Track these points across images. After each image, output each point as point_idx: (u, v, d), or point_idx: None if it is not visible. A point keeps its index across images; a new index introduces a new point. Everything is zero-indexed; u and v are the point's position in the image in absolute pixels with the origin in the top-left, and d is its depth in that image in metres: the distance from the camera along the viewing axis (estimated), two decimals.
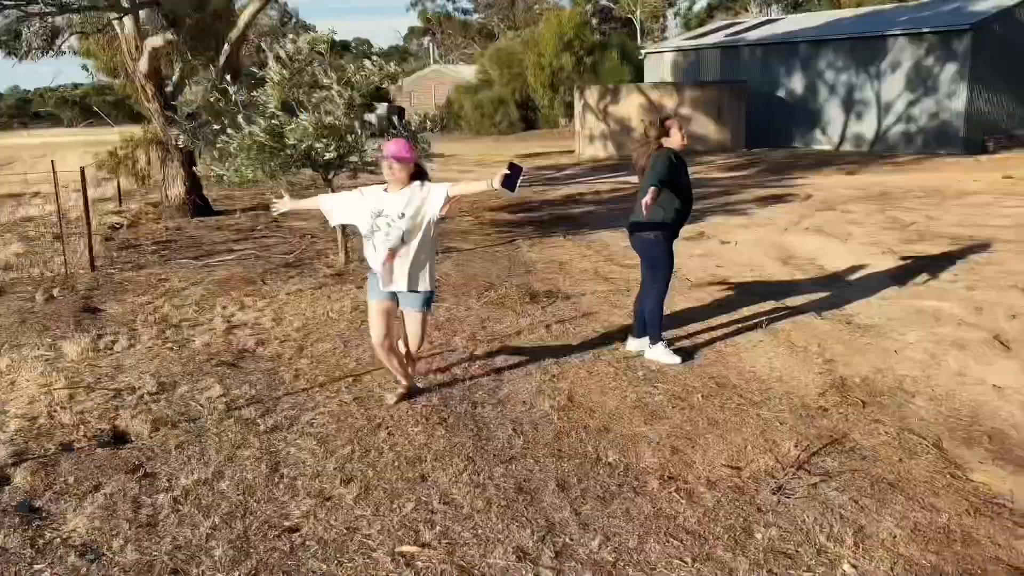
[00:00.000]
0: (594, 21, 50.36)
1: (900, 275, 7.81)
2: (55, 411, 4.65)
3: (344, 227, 8.83)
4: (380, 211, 4.41)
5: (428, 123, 8.39)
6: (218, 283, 8.06)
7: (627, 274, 8.18)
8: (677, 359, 5.41)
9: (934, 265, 8.16)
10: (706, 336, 6.05)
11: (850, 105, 22.66)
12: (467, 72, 42.81)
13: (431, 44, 64.16)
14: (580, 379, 5.15)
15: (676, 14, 56.25)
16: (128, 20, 11.50)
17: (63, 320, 6.79)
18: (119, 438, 4.34)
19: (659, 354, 5.46)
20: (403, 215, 4.36)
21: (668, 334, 5.98)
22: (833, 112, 23.07)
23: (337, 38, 8.32)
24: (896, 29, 21.45)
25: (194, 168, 11.71)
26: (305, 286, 7.79)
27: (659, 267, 5.53)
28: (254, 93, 7.72)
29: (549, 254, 9.40)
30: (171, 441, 4.27)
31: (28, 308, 7.23)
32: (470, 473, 3.84)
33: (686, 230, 10.72)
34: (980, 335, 5.90)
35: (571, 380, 5.13)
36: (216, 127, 7.62)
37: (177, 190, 12.50)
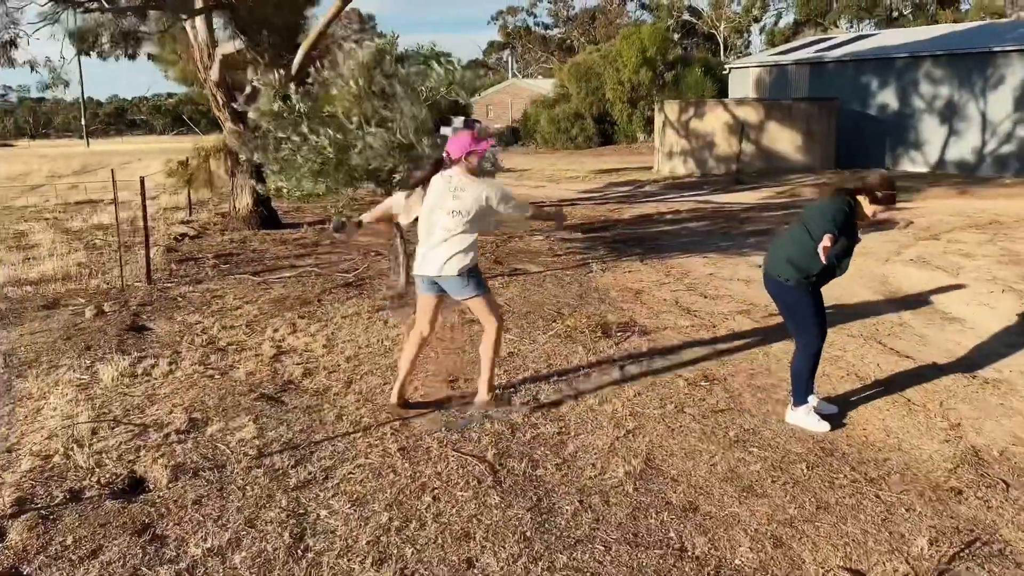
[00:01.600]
0: (676, 36, 49.40)
1: None
2: (72, 449, 4.21)
3: (408, 246, 8.34)
4: None
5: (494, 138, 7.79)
6: (273, 302, 7.64)
7: (712, 307, 7.43)
8: (824, 427, 4.53)
9: None
10: None
11: (950, 124, 21.21)
12: (544, 86, 42.39)
13: (510, 58, 64.14)
14: (660, 436, 4.45)
15: (761, 30, 54.77)
16: (201, 26, 11.33)
17: (107, 338, 6.44)
18: (135, 485, 3.86)
19: (802, 419, 4.60)
20: None
21: (759, 381, 5.25)
22: (931, 132, 21.64)
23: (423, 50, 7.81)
24: (1006, 44, 19.96)
25: (256, 187, 11.41)
26: (363, 309, 7.30)
27: (799, 315, 4.59)
28: (326, 109, 7.26)
29: (624, 280, 8.70)
30: (189, 494, 3.76)
31: (76, 323, 6.93)
32: (527, 560, 3.20)
33: None
34: None
35: (649, 438, 4.43)
36: (279, 137, 7.20)
37: (245, 201, 12.27)
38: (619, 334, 6.52)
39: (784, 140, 21.37)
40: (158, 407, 4.90)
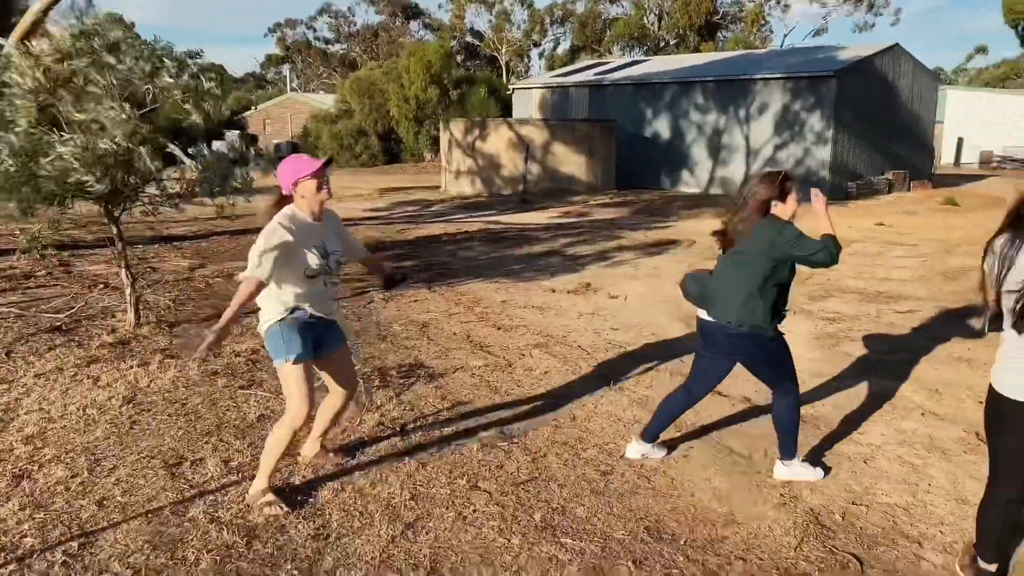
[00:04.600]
0: (459, 57, 49.47)
1: (826, 344, 6.60)
2: None
3: (135, 278, 6.76)
4: (324, 246, 3.57)
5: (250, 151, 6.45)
6: None
7: (506, 340, 6.57)
8: (819, 473, 4.03)
9: (856, 329, 7.03)
10: (617, 439, 4.47)
11: (718, 148, 22.33)
12: (326, 101, 40.60)
13: (289, 72, 61.34)
14: (449, 531, 3.41)
15: (541, 54, 56.31)
16: None
17: None
18: None
19: (799, 472, 4.00)
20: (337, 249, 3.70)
21: (564, 435, 4.39)
22: (701, 154, 22.68)
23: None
24: (764, 73, 21.33)
25: None
26: (68, 362, 5.65)
27: (784, 362, 3.93)
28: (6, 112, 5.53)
29: (409, 311, 7.65)
30: None
31: None
32: None
33: (570, 282, 9.35)
34: (955, 432, 4.65)
35: (435, 533, 3.38)
36: None
37: None
38: (401, 381, 5.45)
39: (568, 161, 21.43)
40: None
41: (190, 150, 6.63)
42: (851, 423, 4.81)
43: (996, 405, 2.88)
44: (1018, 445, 2.84)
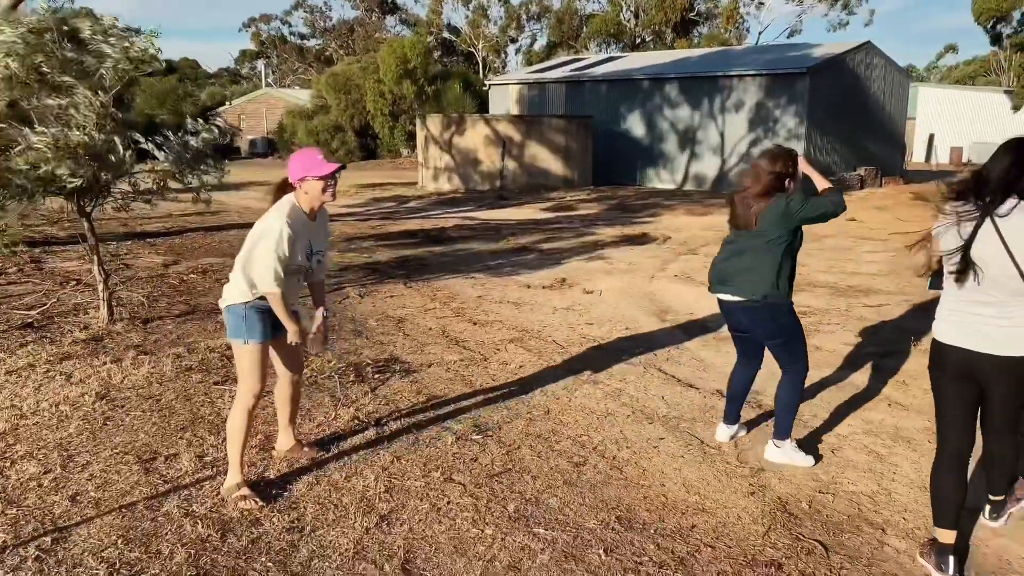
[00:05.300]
0: (436, 53, 49.31)
1: None
2: None
3: (108, 275, 6.72)
4: (310, 246, 3.65)
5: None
6: None
7: (481, 335, 6.60)
8: (810, 460, 4.13)
9: (827, 322, 7.15)
10: (590, 431, 4.53)
11: (693, 144, 22.49)
12: (302, 96, 40.34)
13: (264, 67, 60.84)
14: (423, 522, 3.45)
15: (518, 50, 56.29)
16: None
17: None
18: None
19: (790, 455, 4.13)
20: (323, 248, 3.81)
21: (538, 428, 4.44)
22: (676, 150, 22.83)
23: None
24: (738, 69, 21.50)
25: None
26: (41, 358, 5.61)
27: (797, 339, 4.07)
28: None
29: (385, 306, 7.67)
30: None
31: None
32: None
33: (545, 277, 9.41)
34: (920, 422, 4.75)
35: (410, 525, 3.42)
36: None
37: None
38: (376, 376, 5.47)
39: (545, 156, 21.48)
40: None
41: (158, 139, 6.56)
42: (820, 414, 4.90)
43: (933, 351, 3.15)
44: (951, 390, 3.08)
